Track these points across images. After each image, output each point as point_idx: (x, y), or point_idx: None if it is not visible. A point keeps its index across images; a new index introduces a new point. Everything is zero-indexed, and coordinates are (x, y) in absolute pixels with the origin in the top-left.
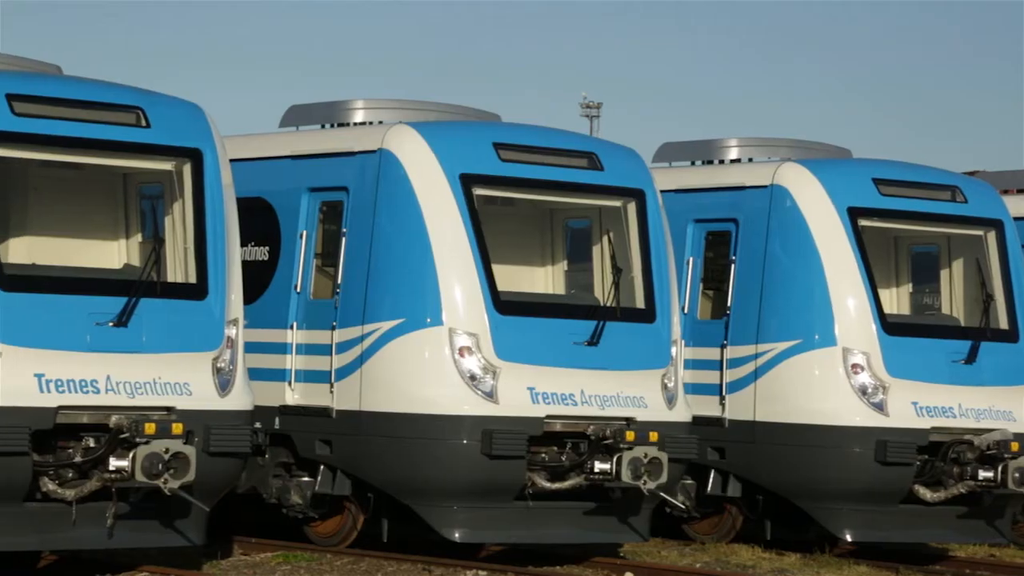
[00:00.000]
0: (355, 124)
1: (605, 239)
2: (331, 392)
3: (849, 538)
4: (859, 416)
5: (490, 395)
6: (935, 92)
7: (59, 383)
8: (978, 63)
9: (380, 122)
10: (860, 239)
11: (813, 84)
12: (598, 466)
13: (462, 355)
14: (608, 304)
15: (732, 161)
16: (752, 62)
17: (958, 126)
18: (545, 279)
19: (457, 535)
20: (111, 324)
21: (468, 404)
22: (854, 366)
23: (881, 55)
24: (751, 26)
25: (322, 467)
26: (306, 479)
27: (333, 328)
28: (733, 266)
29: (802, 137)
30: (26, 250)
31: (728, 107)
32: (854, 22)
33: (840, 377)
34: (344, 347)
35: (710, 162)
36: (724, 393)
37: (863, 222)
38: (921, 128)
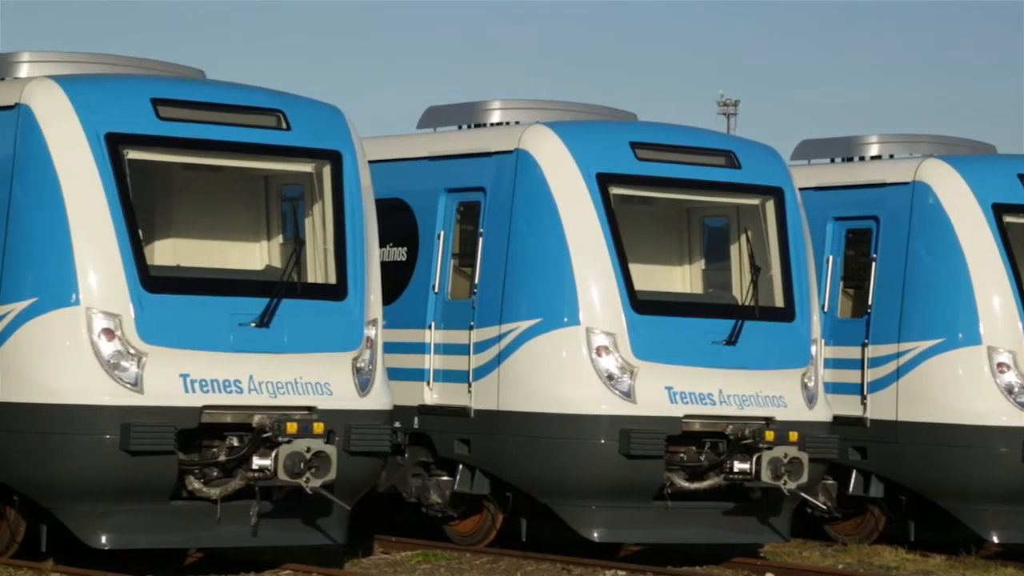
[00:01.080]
0: (492, 125)
1: (743, 238)
2: (469, 392)
3: (996, 539)
4: (1005, 416)
5: (628, 395)
6: None
7: (203, 383)
8: None
9: (517, 122)
10: (1005, 236)
11: (957, 79)
12: (737, 466)
13: (599, 355)
14: (746, 303)
15: (872, 158)
16: (892, 58)
17: None
18: (682, 278)
19: (596, 535)
20: (253, 325)
21: (607, 403)
22: (999, 365)
23: None
24: (892, 23)
25: (461, 466)
26: (445, 478)
27: (471, 328)
28: (874, 264)
29: (945, 133)
30: (170, 252)
31: (868, 103)
32: (994, 17)
33: (986, 377)
34: (482, 347)
35: (850, 159)
36: (865, 392)
37: (1008, 219)
38: None
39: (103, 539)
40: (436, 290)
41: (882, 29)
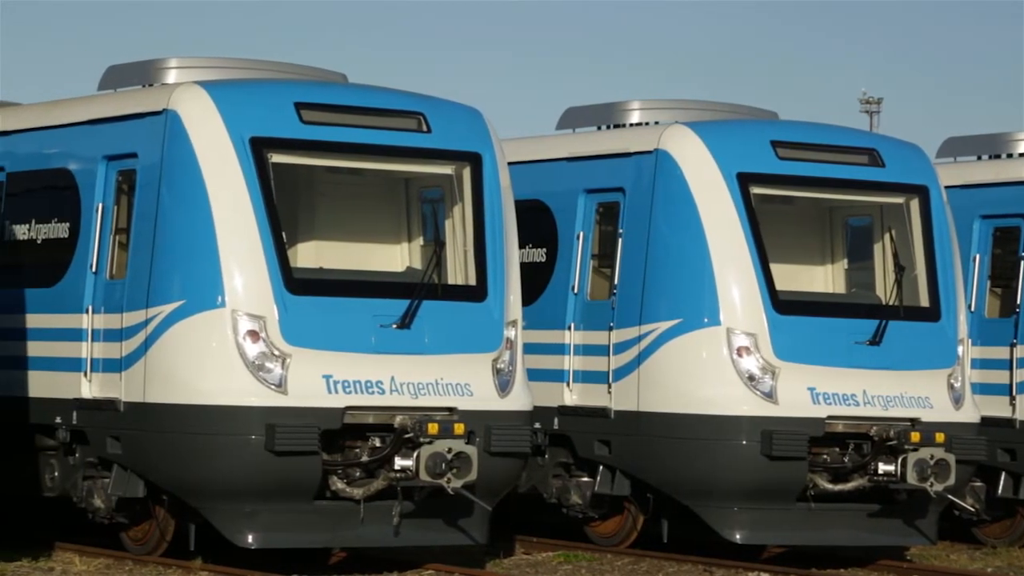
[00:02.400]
0: (631, 125)
1: (887, 237)
2: (609, 393)
3: None
4: None
5: (769, 395)
6: None
7: (346, 384)
8: None
9: (656, 122)
10: None
11: None
12: (882, 468)
13: (740, 355)
14: (891, 303)
15: (1021, 155)
16: None
17: None
18: (825, 278)
19: (738, 536)
20: (394, 326)
21: (747, 404)
22: None
23: None
24: None
25: (601, 467)
26: (585, 479)
27: (610, 329)
28: (1023, 263)
29: None
30: (313, 254)
31: (1016, 100)
32: None
33: None
34: (621, 348)
35: (997, 156)
36: (1014, 393)
37: None
38: None
39: (250, 538)
40: (575, 291)
41: None
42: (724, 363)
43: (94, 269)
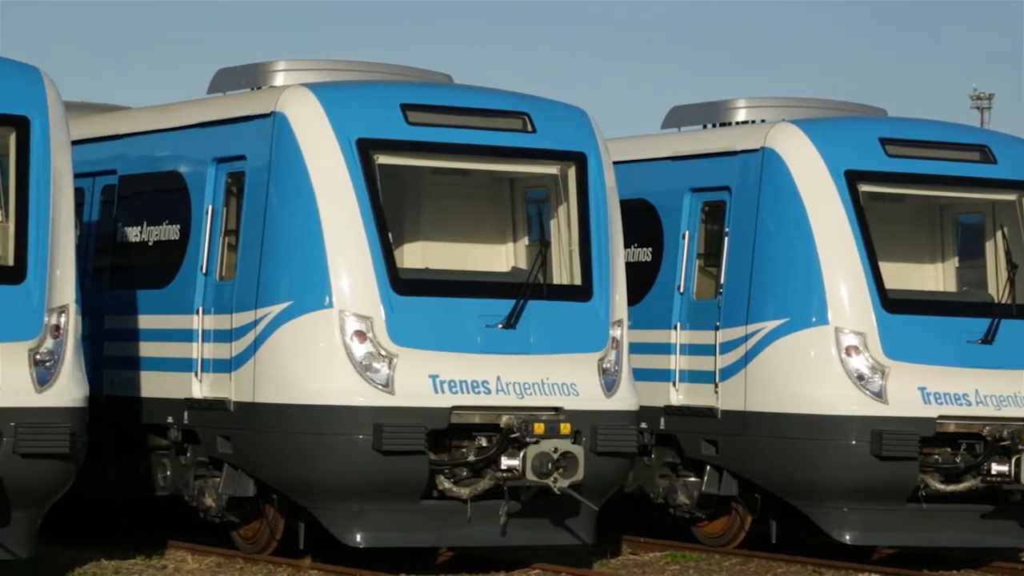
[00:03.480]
0: (737, 123)
1: (999, 234)
2: (716, 392)
3: None
4: None
5: (879, 395)
6: None
7: (452, 384)
8: None
9: (763, 120)
10: None
11: None
12: (995, 468)
13: (849, 354)
14: (1003, 301)
15: None
16: None
17: None
18: (935, 276)
19: (848, 537)
20: (500, 326)
21: (857, 404)
22: None
23: None
24: None
25: (708, 467)
26: (692, 479)
27: (716, 328)
28: None
29: None
30: (419, 255)
31: None
32: None
33: None
34: (728, 347)
35: None
36: None
37: None
38: None
39: (358, 537)
40: (681, 290)
41: None
42: (832, 363)
43: (204, 270)
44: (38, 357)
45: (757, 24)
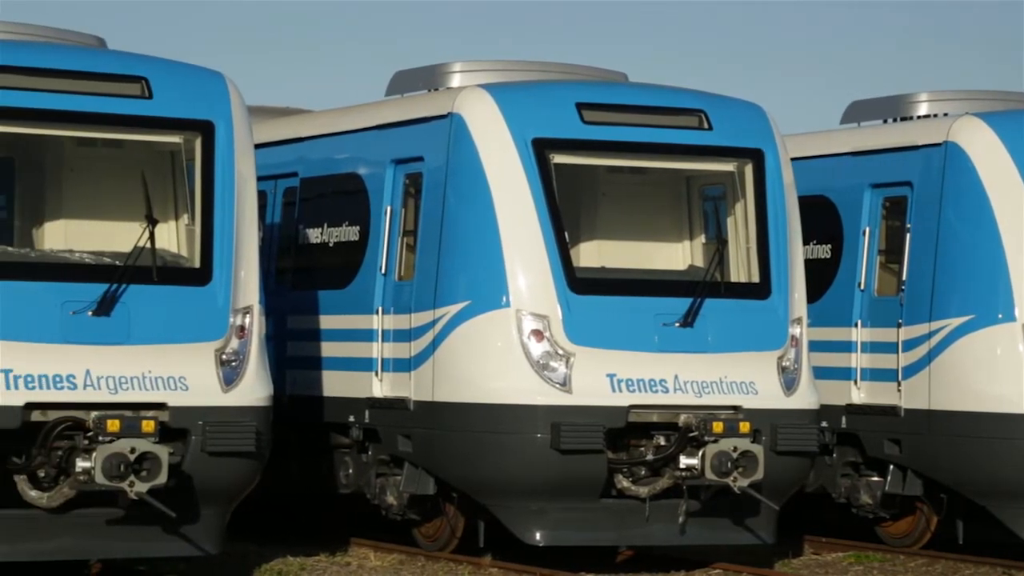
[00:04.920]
0: (918, 117)
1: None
2: (898, 390)
3: None
4: None
5: None
6: None
7: (629, 383)
8: None
9: (945, 114)
10: None
11: None
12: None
13: None
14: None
15: None
16: None
17: None
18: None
19: None
20: (677, 324)
21: None
22: None
23: None
24: None
25: (891, 466)
26: (875, 479)
27: (899, 326)
28: None
29: None
30: (595, 254)
31: None
32: None
33: None
34: (911, 344)
35: None
36: None
37: None
38: None
39: (538, 536)
40: (862, 287)
41: None
42: (1019, 359)
43: (383, 271)
44: (224, 357)
45: (934, 16)
